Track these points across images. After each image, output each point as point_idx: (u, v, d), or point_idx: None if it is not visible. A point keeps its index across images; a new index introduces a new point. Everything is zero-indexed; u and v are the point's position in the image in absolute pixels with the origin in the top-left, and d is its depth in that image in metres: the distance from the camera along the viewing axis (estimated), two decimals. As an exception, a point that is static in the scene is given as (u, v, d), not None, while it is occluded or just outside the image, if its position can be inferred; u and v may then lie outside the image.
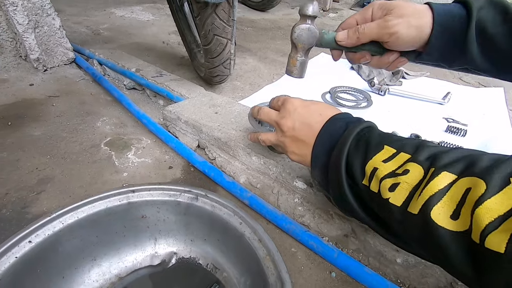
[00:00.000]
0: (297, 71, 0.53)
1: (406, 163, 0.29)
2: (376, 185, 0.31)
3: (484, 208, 0.21)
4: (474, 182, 0.23)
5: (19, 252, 0.38)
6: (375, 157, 0.32)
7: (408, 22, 0.40)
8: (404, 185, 0.28)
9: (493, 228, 0.21)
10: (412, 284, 0.51)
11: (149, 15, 2.02)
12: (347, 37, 0.45)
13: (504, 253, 0.20)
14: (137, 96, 1.06)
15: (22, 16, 0.94)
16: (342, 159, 0.35)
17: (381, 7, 0.43)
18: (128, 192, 0.48)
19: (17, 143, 0.76)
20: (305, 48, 0.49)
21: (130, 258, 0.50)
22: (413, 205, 0.26)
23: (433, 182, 0.25)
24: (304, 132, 0.41)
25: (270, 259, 0.40)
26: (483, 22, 0.38)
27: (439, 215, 0.24)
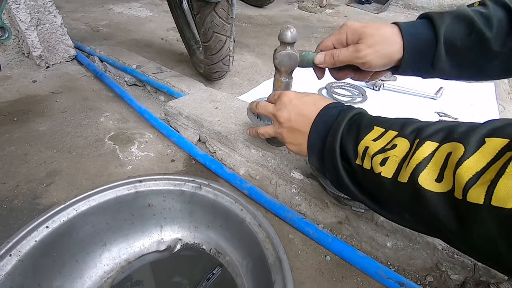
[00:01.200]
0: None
1: (394, 138, 0.32)
2: (368, 162, 0.33)
3: (464, 167, 0.24)
4: (454, 146, 0.26)
5: (38, 236, 0.41)
6: (366, 137, 0.34)
7: (378, 52, 0.43)
8: (393, 158, 0.30)
9: (472, 183, 0.23)
10: (401, 266, 0.55)
11: (147, 12, 2.03)
12: (324, 61, 0.49)
13: (483, 203, 0.22)
14: (138, 92, 1.09)
15: (25, 14, 0.96)
16: (336, 143, 0.37)
17: (354, 33, 0.46)
18: (135, 182, 0.51)
19: (24, 137, 0.78)
20: (288, 71, 0.54)
21: (138, 244, 0.53)
22: (402, 174, 0.29)
23: (419, 152, 0.28)
24: (300, 122, 0.44)
25: (269, 241, 0.44)
26: (451, 40, 0.42)
27: (425, 180, 0.26)
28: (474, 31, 0.41)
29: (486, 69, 0.44)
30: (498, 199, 0.21)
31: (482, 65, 0.44)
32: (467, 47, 0.42)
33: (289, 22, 2.13)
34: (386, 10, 2.80)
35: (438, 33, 0.42)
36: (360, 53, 0.44)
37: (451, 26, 0.42)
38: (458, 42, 0.42)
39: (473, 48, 0.42)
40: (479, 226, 0.23)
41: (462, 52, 0.42)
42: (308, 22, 2.17)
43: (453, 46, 0.42)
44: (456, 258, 0.50)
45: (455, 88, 1.29)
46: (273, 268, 0.40)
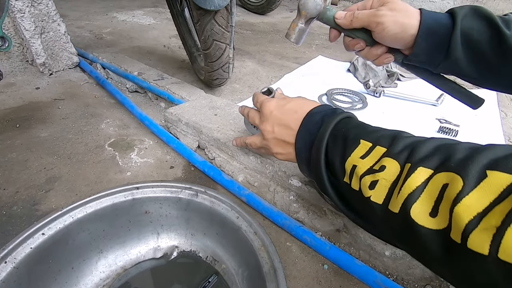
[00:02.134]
0: (295, 36, 0.55)
1: (382, 158, 0.29)
2: (356, 183, 0.31)
3: (462, 205, 0.21)
4: (451, 177, 0.23)
5: (34, 243, 0.41)
6: (353, 153, 0.32)
7: (395, 17, 0.43)
8: (382, 182, 0.28)
9: (473, 227, 0.20)
10: (400, 275, 0.54)
11: (150, 19, 2.06)
12: (343, 17, 0.48)
13: (488, 254, 0.19)
14: (139, 98, 1.10)
15: (29, 23, 0.98)
16: (321, 157, 0.35)
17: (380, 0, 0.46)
18: (132, 189, 0.51)
19: (25, 144, 0.79)
20: (307, 16, 0.52)
21: (134, 251, 0.53)
22: (393, 203, 0.26)
23: (411, 179, 0.25)
24: (283, 134, 0.43)
25: (264, 250, 0.43)
26: (467, 29, 0.41)
27: (418, 213, 0.24)
28: (492, 26, 0.40)
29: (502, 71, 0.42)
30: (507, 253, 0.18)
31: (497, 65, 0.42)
32: (483, 40, 0.40)
33: (290, 29, 2.15)
34: (388, 16, 2.81)
35: (456, 20, 0.41)
36: (379, 13, 0.43)
37: (469, 17, 0.41)
38: (475, 33, 0.40)
39: (489, 42, 0.40)
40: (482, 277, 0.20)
41: (478, 45, 0.41)
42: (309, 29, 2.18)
43: (469, 37, 0.41)
44: (455, 267, 0.49)
45: (457, 95, 1.28)
46: (268, 277, 0.40)
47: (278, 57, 1.58)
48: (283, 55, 1.63)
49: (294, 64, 1.50)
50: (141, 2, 2.50)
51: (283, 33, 2.02)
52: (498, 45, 0.40)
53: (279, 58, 1.57)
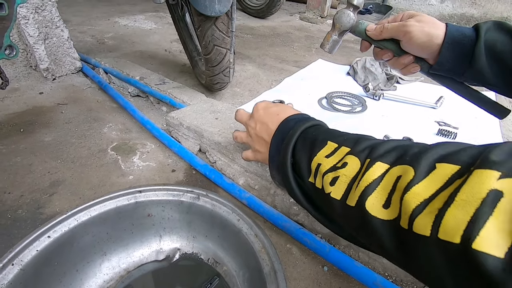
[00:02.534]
0: (329, 46, 0.60)
1: (345, 156, 0.30)
2: (320, 181, 0.31)
3: (411, 193, 0.22)
4: (404, 169, 0.24)
5: (40, 246, 0.42)
6: (319, 153, 0.33)
7: (422, 27, 0.46)
8: (343, 178, 0.29)
9: (419, 212, 0.21)
10: (398, 276, 0.55)
11: (151, 24, 2.08)
12: (374, 29, 0.52)
13: (430, 235, 0.20)
14: (141, 102, 1.11)
15: (33, 29, 1.00)
16: (287, 157, 0.36)
17: (409, 14, 0.50)
18: (135, 192, 0.52)
19: (29, 148, 0.81)
20: (341, 29, 0.56)
21: (137, 254, 0.54)
22: (351, 197, 0.27)
23: (368, 173, 0.26)
24: (263, 131, 0.45)
25: (265, 251, 0.44)
26: (491, 41, 0.43)
27: (372, 205, 0.25)
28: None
29: None
30: (446, 232, 0.19)
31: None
32: (507, 51, 0.43)
33: (290, 32, 2.16)
34: (387, 20, 2.83)
35: (479, 32, 0.43)
36: (407, 23, 0.47)
37: (492, 31, 0.44)
38: (498, 45, 0.43)
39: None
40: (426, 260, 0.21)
41: (502, 55, 0.43)
42: (309, 33, 2.20)
43: (493, 48, 0.43)
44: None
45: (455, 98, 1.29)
46: (268, 279, 0.41)
47: (278, 61, 1.60)
48: (283, 58, 1.64)
49: (294, 68, 1.51)
50: (142, 7, 2.52)
51: (283, 37, 2.04)
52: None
53: (279, 62, 1.59)
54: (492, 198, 0.18)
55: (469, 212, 0.18)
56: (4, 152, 0.78)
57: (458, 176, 0.21)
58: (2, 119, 0.92)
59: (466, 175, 0.20)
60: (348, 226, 0.29)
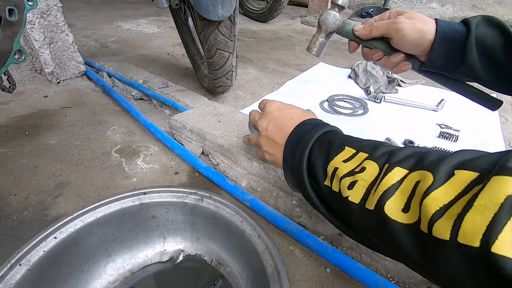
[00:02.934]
0: (316, 49, 0.58)
1: (364, 161, 0.31)
2: (337, 185, 0.32)
3: (431, 198, 0.22)
4: (423, 175, 0.24)
5: (46, 247, 0.43)
6: (336, 157, 0.33)
7: (414, 24, 0.45)
8: (361, 182, 0.29)
9: (438, 217, 0.21)
10: (401, 278, 0.55)
11: (154, 28, 2.10)
12: (362, 29, 0.51)
13: (449, 239, 0.20)
14: (145, 106, 1.12)
15: (39, 33, 1.01)
16: (303, 160, 0.37)
17: (396, 12, 0.49)
18: (140, 194, 0.53)
19: (34, 151, 0.82)
20: (327, 31, 0.55)
21: (142, 255, 0.54)
22: (370, 201, 0.28)
23: (387, 178, 0.27)
24: (276, 134, 0.45)
25: (268, 252, 0.45)
26: (481, 36, 0.43)
27: (391, 209, 0.25)
28: (504, 32, 0.42)
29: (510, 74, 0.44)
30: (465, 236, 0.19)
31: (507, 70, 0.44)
32: (497, 45, 0.43)
33: (292, 36, 2.18)
34: (388, 23, 2.84)
35: (470, 27, 0.43)
36: (398, 20, 0.46)
37: (483, 25, 0.44)
38: (489, 39, 0.43)
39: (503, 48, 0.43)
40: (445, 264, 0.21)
41: (492, 50, 0.43)
42: (310, 36, 2.21)
43: (483, 43, 0.43)
44: (455, 270, 0.50)
45: (457, 100, 1.30)
46: (272, 279, 0.41)
47: (280, 64, 1.61)
48: (285, 62, 1.65)
49: (295, 71, 1.52)
50: (145, 11, 2.55)
51: (285, 41, 2.05)
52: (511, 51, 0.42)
53: (281, 65, 1.60)
54: (510, 203, 0.18)
55: (487, 217, 0.19)
56: (10, 154, 0.79)
57: (476, 183, 0.21)
58: (8, 122, 0.93)
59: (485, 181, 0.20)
60: (366, 229, 0.29)
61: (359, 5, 3.23)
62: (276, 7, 2.33)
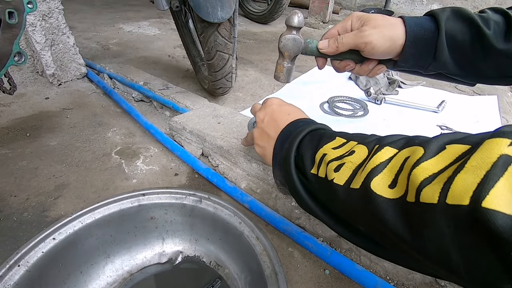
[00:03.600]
0: (284, 77, 0.56)
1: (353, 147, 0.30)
2: (323, 170, 0.31)
3: (420, 168, 0.22)
4: (413, 150, 0.24)
5: (45, 248, 0.43)
6: (325, 145, 0.33)
7: (382, 32, 0.44)
8: (348, 165, 0.28)
9: (427, 183, 0.21)
10: (400, 280, 0.55)
11: (155, 30, 2.11)
12: (328, 46, 0.49)
13: (437, 202, 0.19)
14: (145, 107, 1.13)
15: (40, 36, 1.02)
16: (292, 151, 0.36)
17: (359, 19, 0.47)
18: (139, 196, 0.53)
19: (35, 152, 0.82)
20: (291, 56, 0.53)
21: (140, 256, 0.54)
22: (356, 180, 0.27)
23: (376, 156, 0.26)
24: (270, 126, 0.45)
25: (266, 254, 0.45)
26: (451, 31, 0.43)
27: (378, 185, 0.24)
28: (473, 27, 0.42)
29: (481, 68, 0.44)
30: (454, 196, 0.19)
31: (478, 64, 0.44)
32: (467, 40, 0.42)
33: (292, 38, 2.18)
34: (389, 24, 2.84)
35: (439, 24, 0.43)
36: (364, 33, 0.44)
37: (451, 20, 0.43)
38: (459, 35, 0.42)
39: (472, 42, 0.42)
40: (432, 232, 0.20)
41: (462, 46, 0.43)
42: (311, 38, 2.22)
43: (453, 39, 0.43)
44: (455, 272, 0.50)
45: (458, 101, 1.29)
46: (270, 281, 0.41)
47: (280, 66, 1.61)
48: (285, 63, 1.65)
49: (296, 73, 1.52)
50: (146, 14, 2.56)
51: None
52: (480, 45, 0.42)
53: (281, 67, 1.60)
54: (503, 162, 0.17)
55: (479, 175, 0.18)
56: (11, 156, 0.80)
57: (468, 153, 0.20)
58: (9, 123, 0.93)
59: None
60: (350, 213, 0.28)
61: (359, 7, 3.24)
62: (276, 9, 2.34)
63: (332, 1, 2.65)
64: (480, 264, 0.18)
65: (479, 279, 0.18)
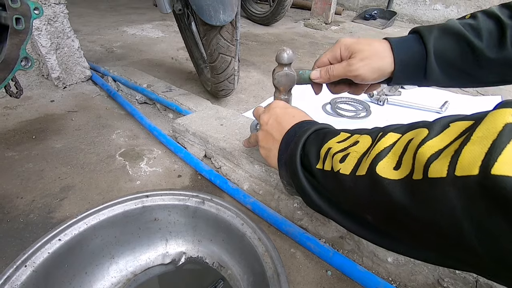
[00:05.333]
0: None
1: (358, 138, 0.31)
2: (329, 163, 0.31)
3: (426, 146, 0.22)
4: (417, 132, 0.24)
5: (51, 249, 0.44)
6: (330, 140, 0.33)
7: (370, 65, 0.45)
8: (353, 154, 0.29)
9: (434, 159, 0.21)
10: (402, 281, 0.55)
11: (158, 32, 2.13)
12: (320, 76, 0.52)
13: (447, 175, 0.19)
14: (148, 109, 1.14)
15: (46, 40, 1.04)
16: (297, 149, 0.37)
17: (347, 48, 0.48)
18: (142, 197, 0.54)
19: (41, 154, 0.83)
20: (286, 89, 0.57)
21: (144, 257, 0.55)
22: (362, 167, 0.27)
23: (380, 142, 0.26)
24: (274, 128, 0.45)
25: (268, 255, 0.45)
26: (440, 51, 0.44)
27: (383, 168, 0.24)
28: (463, 41, 0.42)
29: (478, 77, 0.45)
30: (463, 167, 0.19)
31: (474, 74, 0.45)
32: (457, 57, 0.43)
33: (295, 39, 2.19)
34: (392, 25, 2.84)
35: (427, 46, 0.43)
36: (353, 67, 0.46)
37: (439, 39, 0.44)
38: (448, 53, 0.43)
39: (463, 58, 0.43)
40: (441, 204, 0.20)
41: (453, 62, 0.44)
42: (313, 39, 2.22)
43: (443, 57, 0.44)
44: (458, 274, 0.50)
45: (461, 102, 1.29)
46: (272, 282, 0.41)
47: (283, 67, 1.62)
48: (288, 65, 1.66)
49: (298, 74, 1.53)
50: (150, 16, 2.58)
51: (288, 44, 2.06)
52: (472, 57, 0.42)
53: (284, 68, 1.60)
54: (509, 130, 0.18)
55: (486, 145, 0.18)
56: (17, 158, 0.81)
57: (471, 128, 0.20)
58: (15, 126, 0.95)
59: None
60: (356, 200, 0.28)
61: (362, 7, 3.23)
62: (279, 10, 2.35)
63: (334, 2, 2.65)
64: (493, 231, 0.18)
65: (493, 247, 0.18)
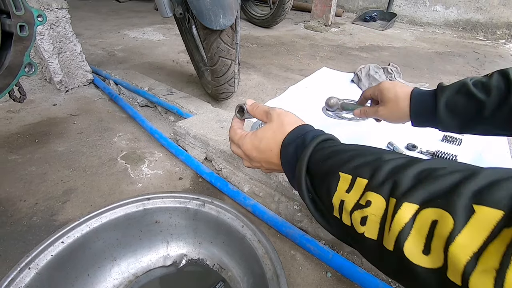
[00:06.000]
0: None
1: (365, 191, 0.30)
2: (347, 219, 0.31)
3: (457, 245, 0.21)
4: (439, 214, 0.23)
5: (54, 251, 0.45)
6: (337, 189, 0.33)
7: (391, 113, 0.60)
8: (372, 217, 0.29)
9: (472, 269, 0.20)
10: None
11: (159, 36, 2.15)
12: (359, 114, 0.69)
13: None
14: (150, 112, 1.15)
15: (48, 44, 1.05)
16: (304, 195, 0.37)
17: (381, 92, 0.61)
18: (144, 200, 0.54)
19: (43, 158, 0.84)
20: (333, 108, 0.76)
21: (145, 259, 0.56)
22: (387, 240, 0.27)
23: (398, 216, 0.26)
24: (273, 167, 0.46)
25: (268, 257, 0.45)
26: (451, 105, 0.52)
27: (411, 250, 0.24)
28: (472, 98, 0.50)
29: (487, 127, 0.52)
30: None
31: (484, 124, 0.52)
32: (466, 111, 0.51)
33: (295, 41, 2.20)
34: (392, 27, 2.85)
35: (438, 102, 0.53)
36: (379, 113, 0.63)
37: (452, 96, 0.52)
38: (459, 107, 0.52)
39: (472, 112, 0.51)
40: None
41: (464, 115, 0.52)
42: (314, 41, 2.23)
43: (455, 111, 0.52)
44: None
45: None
46: (271, 283, 0.42)
47: (283, 70, 1.63)
48: (288, 67, 1.67)
49: (298, 76, 1.54)
50: (151, 20, 2.60)
51: (288, 46, 2.07)
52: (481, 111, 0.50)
53: (284, 71, 1.61)
54: None
55: None
56: (20, 161, 0.82)
57: (504, 224, 0.20)
58: (18, 130, 0.96)
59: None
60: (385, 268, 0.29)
61: (362, 9, 3.24)
62: (279, 12, 2.36)
63: (334, 4, 2.66)
64: None
65: None
